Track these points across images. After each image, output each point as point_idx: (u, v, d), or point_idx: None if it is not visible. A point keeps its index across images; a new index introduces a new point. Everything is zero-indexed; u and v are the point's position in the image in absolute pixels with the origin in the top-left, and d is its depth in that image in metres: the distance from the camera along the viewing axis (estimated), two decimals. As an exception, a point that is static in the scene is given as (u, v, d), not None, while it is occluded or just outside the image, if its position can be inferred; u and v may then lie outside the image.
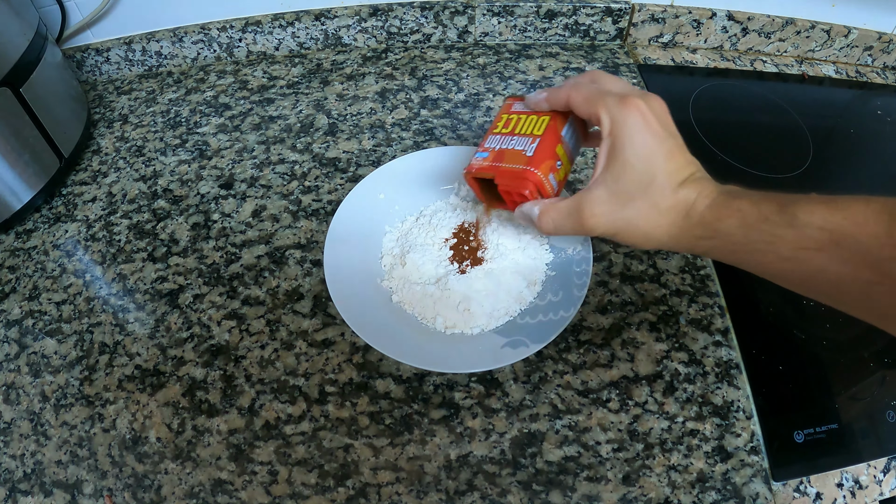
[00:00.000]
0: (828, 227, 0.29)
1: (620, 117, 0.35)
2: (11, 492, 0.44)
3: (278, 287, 0.53)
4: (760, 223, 0.31)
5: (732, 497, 0.42)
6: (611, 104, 0.35)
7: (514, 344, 0.44)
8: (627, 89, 0.37)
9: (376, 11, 0.73)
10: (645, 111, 0.35)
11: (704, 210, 0.34)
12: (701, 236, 0.34)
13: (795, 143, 0.67)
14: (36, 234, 0.60)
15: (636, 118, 0.35)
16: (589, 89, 0.37)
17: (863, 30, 0.74)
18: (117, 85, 0.76)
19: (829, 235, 0.29)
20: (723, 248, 0.34)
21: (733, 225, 0.33)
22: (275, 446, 0.45)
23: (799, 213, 0.30)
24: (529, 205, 0.40)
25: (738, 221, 0.32)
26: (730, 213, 0.33)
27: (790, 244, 0.30)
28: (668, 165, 0.35)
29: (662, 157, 0.35)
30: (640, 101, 0.35)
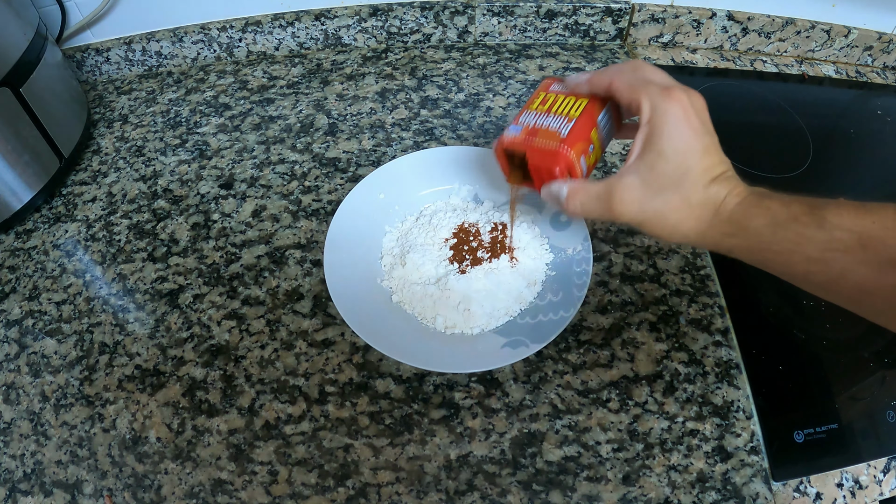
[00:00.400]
0: (856, 229, 0.29)
1: (662, 107, 0.35)
2: (11, 492, 0.44)
3: (278, 287, 0.53)
4: (790, 223, 0.32)
5: (732, 497, 0.42)
6: (653, 93, 0.35)
7: (514, 344, 0.44)
8: (670, 81, 0.37)
9: (376, 11, 0.73)
10: (686, 105, 0.35)
11: (734, 207, 0.34)
12: (728, 233, 0.34)
13: (795, 143, 0.67)
14: (36, 234, 0.60)
15: (677, 110, 0.35)
16: (633, 76, 0.37)
17: (863, 30, 0.74)
18: (117, 85, 0.76)
19: (857, 238, 0.29)
20: (749, 246, 0.34)
21: (762, 224, 0.33)
22: (275, 446, 0.45)
23: (828, 215, 0.30)
24: (559, 184, 0.39)
25: (768, 220, 0.33)
26: (759, 212, 0.33)
27: (818, 245, 0.31)
28: (703, 161, 0.35)
29: (698, 152, 0.35)
30: (682, 95, 0.35)
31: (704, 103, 0.37)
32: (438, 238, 0.51)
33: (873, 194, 0.63)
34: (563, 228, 0.50)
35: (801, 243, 0.31)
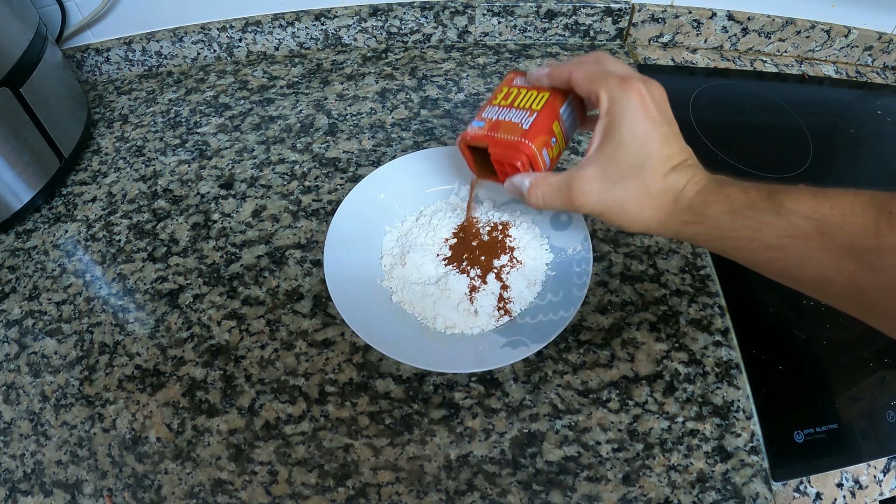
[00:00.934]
0: (814, 216, 0.29)
1: (620, 97, 0.35)
2: (11, 492, 0.44)
3: (278, 287, 0.53)
4: (747, 209, 0.32)
5: (732, 497, 0.42)
6: (612, 84, 0.36)
7: (514, 344, 0.44)
8: (629, 72, 0.37)
9: (376, 11, 0.73)
10: (644, 95, 0.35)
11: (693, 195, 0.34)
12: (688, 221, 0.35)
13: (795, 143, 0.67)
14: (36, 234, 0.60)
15: (635, 100, 0.35)
16: (592, 68, 0.38)
17: (863, 30, 0.74)
18: (117, 85, 0.76)
19: (815, 224, 0.29)
20: (709, 233, 0.34)
21: (721, 210, 0.33)
22: (275, 446, 0.45)
23: (786, 201, 0.30)
24: (520, 177, 0.40)
25: (726, 207, 0.33)
26: (718, 199, 0.33)
27: (776, 231, 0.31)
28: (662, 150, 0.35)
29: (657, 141, 0.35)
30: (640, 85, 0.35)
31: (663, 92, 0.37)
32: (438, 238, 0.51)
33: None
34: (563, 228, 0.50)
35: (760, 230, 0.31)
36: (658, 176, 0.35)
